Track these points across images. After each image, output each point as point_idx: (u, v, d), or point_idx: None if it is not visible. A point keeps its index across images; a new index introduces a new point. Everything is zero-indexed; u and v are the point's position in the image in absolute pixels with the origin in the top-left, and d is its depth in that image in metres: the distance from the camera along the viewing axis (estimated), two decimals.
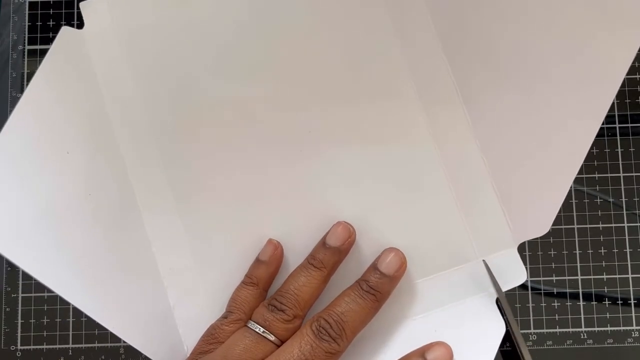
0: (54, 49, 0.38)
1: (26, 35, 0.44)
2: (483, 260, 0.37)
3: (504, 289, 0.37)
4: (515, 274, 0.37)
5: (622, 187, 0.42)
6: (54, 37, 0.37)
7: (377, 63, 0.38)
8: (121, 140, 0.39)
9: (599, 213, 0.42)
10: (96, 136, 0.38)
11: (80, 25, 0.41)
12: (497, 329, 0.36)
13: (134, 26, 0.39)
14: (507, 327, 0.36)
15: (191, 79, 0.39)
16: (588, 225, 0.42)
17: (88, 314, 0.35)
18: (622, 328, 0.41)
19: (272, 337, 0.34)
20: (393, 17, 0.38)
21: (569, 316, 0.41)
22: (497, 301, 0.37)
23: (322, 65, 0.39)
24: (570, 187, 0.42)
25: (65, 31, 0.38)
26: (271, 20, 0.39)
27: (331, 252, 0.36)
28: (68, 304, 0.41)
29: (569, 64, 0.37)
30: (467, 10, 0.38)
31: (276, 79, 0.39)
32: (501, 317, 0.36)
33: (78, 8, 0.43)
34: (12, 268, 0.42)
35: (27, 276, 0.42)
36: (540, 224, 0.37)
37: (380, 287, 0.35)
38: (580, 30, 0.36)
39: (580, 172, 0.38)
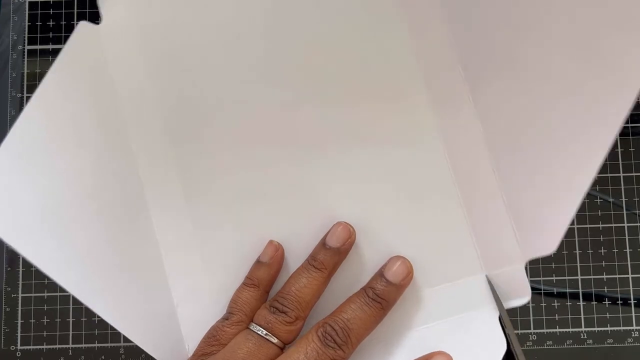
0: (70, 43, 0.37)
1: (26, 35, 0.44)
2: (486, 276, 0.37)
3: (507, 306, 0.36)
4: (519, 292, 0.36)
5: (622, 187, 0.42)
6: (54, 37, 0.37)
7: (387, 65, 0.38)
8: (133, 138, 0.38)
9: (599, 213, 0.42)
10: (107, 133, 0.38)
11: None
12: (498, 345, 0.36)
13: (149, 23, 0.38)
14: (508, 344, 0.36)
15: (203, 78, 0.38)
16: (588, 225, 0.42)
17: (92, 309, 0.35)
18: (622, 328, 0.41)
19: (274, 340, 0.34)
20: (406, 19, 0.38)
21: (569, 316, 0.41)
22: (500, 317, 0.36)
23: (330, 66, 0.38)
24: None
25: (83, 26, 0.38)
26: (278, 22, 0.39)
27: (331, 253, 0.36)
28: (68, 304, 0.41)
29: (585, 76, 0.35)
30: (482, 16, 0.37)
31: (284, 80, 0.38)
32: (503, 334, 0.36)
33: (78, 8, 0.43)
34: (12, 268, 0.42)
35: (27, 276, 0.42)
36: (549, 242, 0.36)
37: (386, 295, 0.35)
38: (597, 41, 0.35)
39: None
